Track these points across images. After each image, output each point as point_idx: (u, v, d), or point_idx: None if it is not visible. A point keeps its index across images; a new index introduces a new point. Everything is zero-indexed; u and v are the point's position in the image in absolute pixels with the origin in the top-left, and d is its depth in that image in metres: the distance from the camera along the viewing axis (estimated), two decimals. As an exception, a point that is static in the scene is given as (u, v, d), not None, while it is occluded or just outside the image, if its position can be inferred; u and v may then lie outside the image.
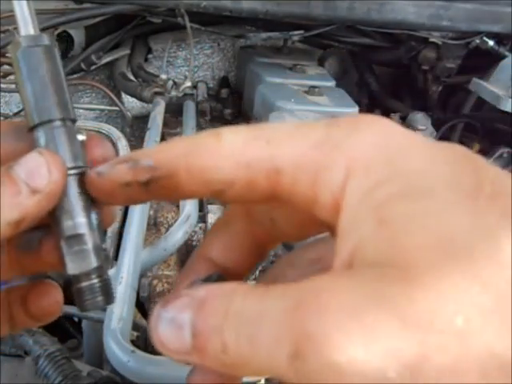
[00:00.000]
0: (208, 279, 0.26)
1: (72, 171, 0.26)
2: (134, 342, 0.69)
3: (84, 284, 0.26)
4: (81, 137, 0.27)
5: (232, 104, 1.52)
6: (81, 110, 1.55)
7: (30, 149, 0.26)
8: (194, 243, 1.02)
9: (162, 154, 0.23)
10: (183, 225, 0.92)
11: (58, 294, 0.31)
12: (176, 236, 0.90)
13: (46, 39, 0.26)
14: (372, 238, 0.18)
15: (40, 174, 0.24)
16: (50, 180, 0.24)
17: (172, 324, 0.20)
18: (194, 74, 1.60)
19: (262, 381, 0.70)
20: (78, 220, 0.25)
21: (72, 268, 0.26)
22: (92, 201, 0.26)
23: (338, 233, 0.20)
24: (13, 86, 1.33)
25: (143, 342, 0.80)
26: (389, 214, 0.18)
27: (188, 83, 1.49)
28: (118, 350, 0.65)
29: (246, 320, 0.19)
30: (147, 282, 0.87)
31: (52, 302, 0.31)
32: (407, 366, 0.15)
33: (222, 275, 0.27)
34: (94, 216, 0.26)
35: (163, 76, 1.40)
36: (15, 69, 0.26)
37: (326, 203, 0.21)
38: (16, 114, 1.43)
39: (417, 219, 0.18)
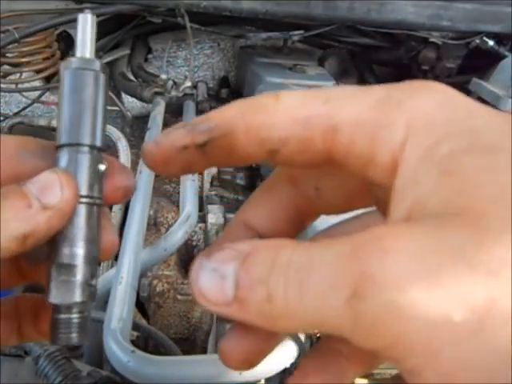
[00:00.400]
0: None
1: (84, 199, 0.25)
2: (133, 342, 0.69)
3: (62, 316, 0.25)
4: (103, 166, 0.26)
5: (232, 104, 1.52)
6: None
7: (48, 169, 0.25)
8: (194, 243, 1.02)
9: (219, 114, 0.23)
10: (183, 225, 0.92)
11: None
12: (176, 236, 0.90)
13: (97, 65, 0.26)
14: (435, 189, 0.18)
15: (52, 190, 0.24)
16: (62, 198, 0.24)
17: (214, 274, 0.20)
18: (194, 74, 1.60)
19: (262, 381, 0.70)
20: (75, 250, 0.25)
21: (54, 296, 0.25)
22: (97, 232, 0.26)
23: (394, 191, 0.20)
24: (13, 86, 1.33)
25: (143, 341, 0.80)
26: (455, 165, 0.18)
27: (188, 83, 1.49)
28: (118, 350, 0.65)
29: (294, 269, 0.18)
30: (147, 282, 0.87)
31: None
32: (474, 310, 0.15)
33: None
34: (93, 248, 0.26)
35: (163, 76, 1.40)
36: (60, 85, 0.26)
37: (383, 162, 0.20)
38: (16, 114, 1.43)
39: (486, 172, 0.17)
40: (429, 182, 0.18)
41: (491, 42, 1.35)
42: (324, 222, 0.29)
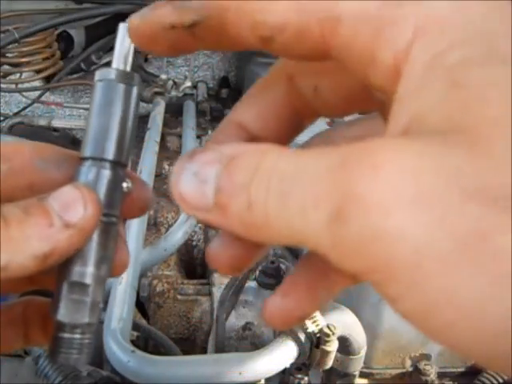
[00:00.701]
0: None
1: (103, 218, 0.24)
2: (133, 342, 0.69)
3: (66, 335, 0.25)
4: (125, 184, 0.25)
5: (232, 104, 1.52)
6: (81, 110, 1.55)
7: (69, 181, 0.24)
8: (194, 243, 1.02)
9: None
10: (183, 225, 0.92)
11: None
12: (176, 236, 0.90)
13: (135, 80, 0.25)
14: (440, 102, 0.16)
15: (75, 208, 0.23)
16: (85, 216, 0.23)
17: (196, 177, 0.19)
18: (194, 74, 1.60)
19: (262, 381, 0.70)
20: (90, 270, 0.24)
21: (63, 315, 0.24)
22: (112, 251, 0.25)
23: (396, 98, 0.18)
24: (13, 86, 1.33)
25: (143, 341, 0.80)
26: (464, 77, 0.16)
27: (188, 83, 1.49)
28: (118, 350, 0.65)
29: (278, 177, 0.17)
30: (147, 282, 0.87)
31: None
32: (461, 241, 0.14)
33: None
34: (106, 269, 0.25)
35: (163, 76, 1.40)
36: (92, 94, 0.25)
37: (385, 63, 0.18)
38: (16, 114, 1.43)
39: (497, 87, 0.16)
40: (433, 94, 0.16)
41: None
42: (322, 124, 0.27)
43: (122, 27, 0.25)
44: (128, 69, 0.25)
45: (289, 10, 0.20)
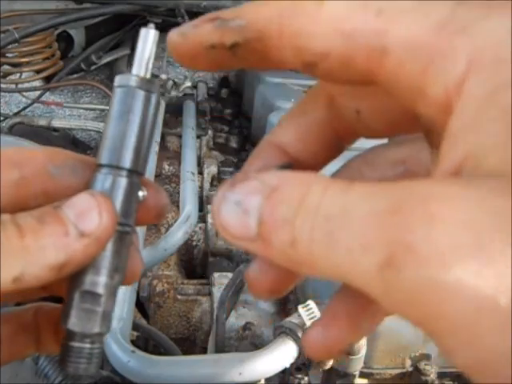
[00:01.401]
0: (278, 169, 0.24)
1: (118, 227, 0.24)
2: (134, 342, 0.69)
3: (76, 344, 0.25)
4: (141, 193, 0.25)
5: (232, 104, 1.52)
6: (81, 110, 1.55)
7: (84, 188, 0.24)
8: (194, 243, 1.02)
9: (253, 13, 0.20)
10: (183, 225, 0.92)
11: None
12: (176, 236, 0.90)
13: (153, 86, 0.25)
14: (497, 145, 0.15)
15: (90, 216, 0.22)
16: (101, 224, 0.22)
17: (238, 207, 0.18)
18: (194, 74, 1.60)
19: (262, 381, 0.70)
20: (102, 279, 0.24)
21: (74, 324, 0.24)
22: (125, 260, 0.25)
23: (447, 134, 0.17)
24: (13, 86, 1.33)
25: (143, 342, 0.80)
26: None
27: (188, 83, 1.49)
28: (118, 350, 0.65)
29: (324, 215, 0.16)
30: (147, 282, 0.87)
31: None
32: None
33: (292, 166, 0.24)
34: (119, 278, 0.24)
35: (163, 76, 1.40)
36: (111, 101, 0.25)
37: (435, 97, 0.17)
38: (16, 114, 1.43)
39: None
40: (490, 135, 0.16)
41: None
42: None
43: (144, 32, 0.25)
44: (148, 76, 0.25)
45: (334, 35, 0.19)
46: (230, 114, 1.50)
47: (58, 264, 0.22)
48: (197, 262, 1.03)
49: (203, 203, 1.10)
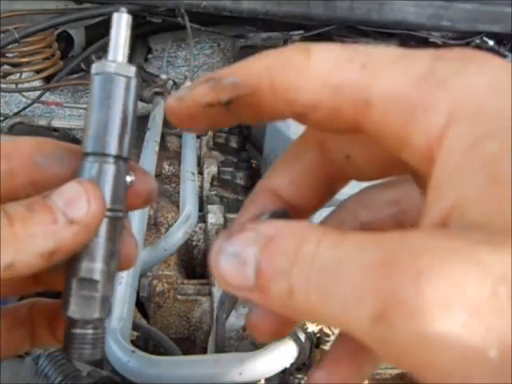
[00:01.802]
0: (273, 216, 0.25)
1: (108, 213, 0.24)
2: (134, 342, 0.69)
3: (78, 331, 0.25)
4: (129, 178, 0.25)
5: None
6: (81, 110, 1.55)
7: (72, 177, 0.24)
8: (194, 243, 1.02)
9: (243, 70, 0.21)
10: (183, 225, 0.92)
11: None
12: (176, 236, 0.90)
13: (130, 71, 0.25)
14: (479, 197, 0.16)
15: (78, 204, 0.23)
16: (89, 212, 0.23)
17: (235, 258, 0.19)
18: (194, 74, 1.60)
19: (262, 381, 0.70)
20: (98, 265, 0.24)
21: (74, 311, 0.24)
22: (118, 247, 0.25)
23: (432, 185, 0.18)
24: (13, 86, 1.33)
25: (143, 342, 0.80)
26: (503, 171, 0.16)
27: (188, 83, 1.49)
28: (118, 350, 0.65)
29: (318, 266, 0.17)
30: (147, 282, 0.87)
31: None
32: (509, 349, 0.14)
33: (287, 212, 0.25)
34: (114, 263, 0.25)
35: (163, 76, 1.40)
36: (90, 89, 0.25)
37: (418, 148, 0.18)
38: (16, 114, 1.43)
39: None
40: (474, 187, 0.16)
41: (491, 42, 1.35)
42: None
43: (117, 17, 0.25)
44: (125, 60, 0.25)
45: (322, 88, 0.20)
46: (230, 114, 1.50)
47: (47, 251, 0.22)
48: (197, 262, 1.03)
49: (203, 203, 1.10)
